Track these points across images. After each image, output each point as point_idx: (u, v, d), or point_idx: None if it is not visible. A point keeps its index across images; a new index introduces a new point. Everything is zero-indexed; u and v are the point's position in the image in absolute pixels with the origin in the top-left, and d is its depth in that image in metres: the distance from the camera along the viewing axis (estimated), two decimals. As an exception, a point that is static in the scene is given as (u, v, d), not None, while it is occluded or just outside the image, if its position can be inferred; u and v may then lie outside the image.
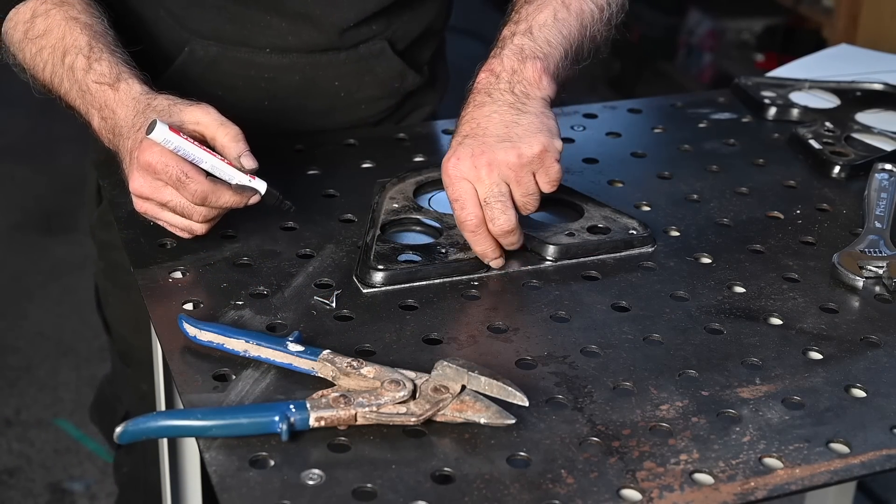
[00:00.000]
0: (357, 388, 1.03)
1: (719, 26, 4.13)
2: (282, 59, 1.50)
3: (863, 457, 1.00)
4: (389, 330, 1.14)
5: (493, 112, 1.21)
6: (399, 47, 1.56)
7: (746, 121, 1.63)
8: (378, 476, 0.95)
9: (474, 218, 1.19)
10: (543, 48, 1.26)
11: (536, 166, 1.19)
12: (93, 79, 1.27)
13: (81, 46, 1.30)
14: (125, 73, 1.28)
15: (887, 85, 1.70)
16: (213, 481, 0.95)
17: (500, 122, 1.20)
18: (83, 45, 1.30)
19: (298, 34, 1.48)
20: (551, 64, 1.26)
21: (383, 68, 1.55)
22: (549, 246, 1.27)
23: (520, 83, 1.23)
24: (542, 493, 0.94)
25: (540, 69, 1.24)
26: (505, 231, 1.20)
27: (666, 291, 1.23)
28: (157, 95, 1.25)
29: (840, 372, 1.11)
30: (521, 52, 1.25)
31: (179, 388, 1.06)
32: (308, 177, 1.44)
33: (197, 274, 1.22)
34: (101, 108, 1.27)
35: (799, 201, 1.42)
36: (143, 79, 1.28)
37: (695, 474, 0.97)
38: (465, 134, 1.21)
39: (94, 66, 1.28)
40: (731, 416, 1.04)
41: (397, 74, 1.57)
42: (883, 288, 1.24)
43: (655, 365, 1.11)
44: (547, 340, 1.14)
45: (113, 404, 1.81)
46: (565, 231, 1.29)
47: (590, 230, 1.30)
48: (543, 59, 1.25)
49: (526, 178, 1.19)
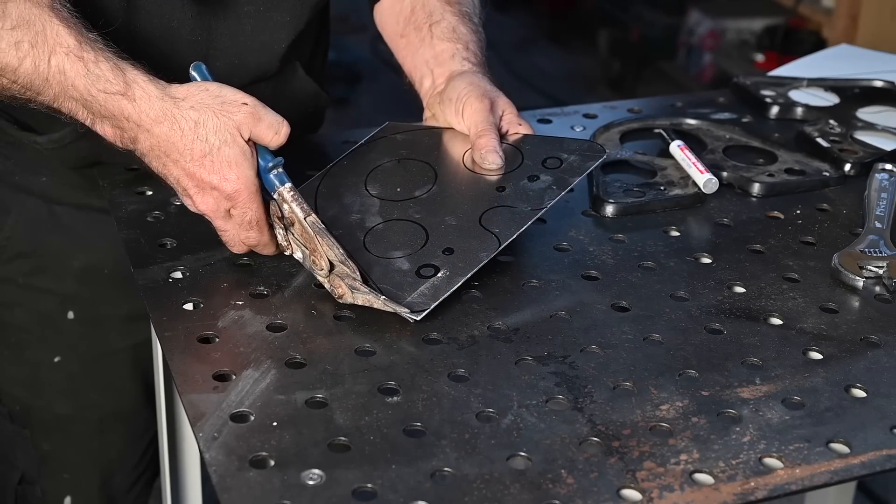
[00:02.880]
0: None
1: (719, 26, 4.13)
2: None
3: (863, 457, 1.00)
4: (389, 330, 1.14)
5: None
6: (306, 66, 1.53)
7: (746, 121, 1.63)
8: (378, 476, 0.95)
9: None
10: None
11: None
12: (100, 88, 1.17)
13: (70, 46, 1.18)
14: (131, 73, 1.18)
15: (887, 82, 1.70)
16: (213, 481, 0.95)
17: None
18: (72, 44, 1.18)
19: (235, 73, 1.42)
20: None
21: (296, 91, 1.51)
22: (755, 184, 1.43)
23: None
24: (542, 493, 0.94)
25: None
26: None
27: (666, 291, 1.23)
28: (192, 91, 1.18)
29: (840, 372, 1.11)
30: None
31: (179, 388, 1.06)
32: (308, 177, 1.44)
33: (197, 274, 1.22)
34: (117, 118, 1.18)
35: (799, 201, 1.42)
36: (150, 73, 1.20)
37: (695, 474, 0.97)
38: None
39: (92, 70, 1.17)
40: (732, 416, 1.04)
41: (311, 97, 1.54)
42: (883, 288, 1.24)
43: (655, 365, 1.11)
44: (547, 340, 1.14)
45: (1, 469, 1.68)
46: (766, 173, 1.45)
47: (787, 172, 1.46)
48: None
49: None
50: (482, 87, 1.35)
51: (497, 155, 1.30)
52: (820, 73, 1.75)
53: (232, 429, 1.00)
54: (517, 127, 1.35)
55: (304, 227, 1.18)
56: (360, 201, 1.30)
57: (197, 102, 1.17)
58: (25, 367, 1.55)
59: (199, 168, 1.17)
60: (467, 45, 1.41)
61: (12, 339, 1.55)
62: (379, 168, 1.35)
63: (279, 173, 1.19)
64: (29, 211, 1.49)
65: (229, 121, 1.17)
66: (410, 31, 1.44)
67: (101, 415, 1.59)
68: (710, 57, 4.15)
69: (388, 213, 1.27)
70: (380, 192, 1.31)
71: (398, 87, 1.44)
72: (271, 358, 1.10)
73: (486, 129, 1.31)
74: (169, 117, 1.16)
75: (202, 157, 1.16)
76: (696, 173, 1.42)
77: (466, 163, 1.32)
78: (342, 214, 1.27)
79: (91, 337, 1.55)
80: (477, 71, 1.38)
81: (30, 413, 1.58)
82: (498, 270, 1.24)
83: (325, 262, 1.17)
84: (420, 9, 1.44)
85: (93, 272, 1.51)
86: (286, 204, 1.18)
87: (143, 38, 1.35)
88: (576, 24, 4.97)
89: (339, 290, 1.17)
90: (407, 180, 1.32)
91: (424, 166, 1.34)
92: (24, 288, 1.52)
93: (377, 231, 1.25)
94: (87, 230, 1.50)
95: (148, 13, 1.34)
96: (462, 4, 1.46)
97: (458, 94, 1.34)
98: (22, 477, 1.63)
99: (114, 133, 1.20)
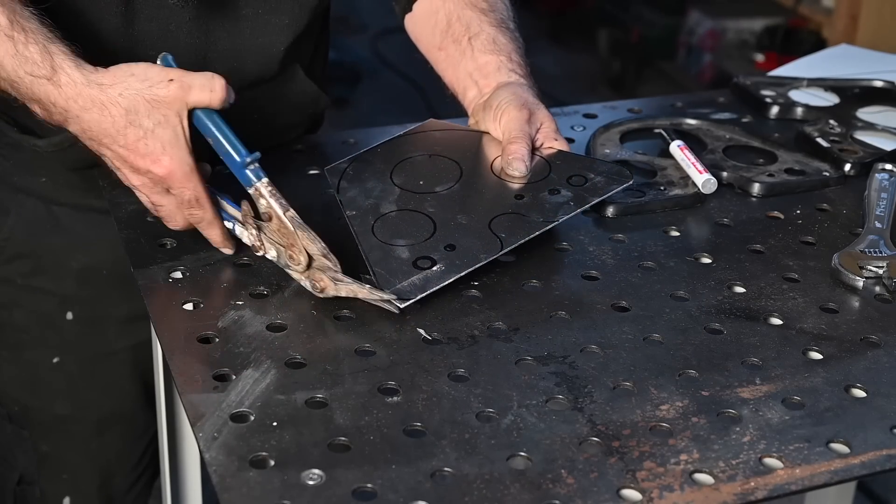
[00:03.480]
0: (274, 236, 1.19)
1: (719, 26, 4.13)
2: None
3: (863, 457, 1.00)
4: (389, 330, 1.14)
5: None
6: (306, 68, 1.52)
7: (746, 121, 1.63)
8: (378, 476, 0.95)
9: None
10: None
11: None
12: (27, 70, 1.17)
13: (1, 24, 1.17)
14: (59, 57, 1.18)
15: (887, 82, 1.70)
16: (213, 481, 0.95)
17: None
18: (3, 22, 1.17)
19: (233, 76, 1.38)
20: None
21: (296, 93, 1.51)
22: (755, 184, 1.43)
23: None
24: (542, 493, 0.94)
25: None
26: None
27: (666, 291, 1.23)
28: (119, 77, 1.17)
29: (840, 372, 1.11)
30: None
31: (179, 388, 1.06)
32: (308, 177, 1.44)
33: (197, 274, 1.22)
34: (43, 103, 1.19)
35: (799, 201, 1.42)
36: (78, 56, 1.19)
37: (695, 474, 0.97)
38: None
39: (20, 51, 1.17)
40: (732, 416, 1.04)
41: (311, 99, 1.54)
42: (883, 288, 1.24)
43: (655, 365, 1.11)
44: (547, 340, 1.14)
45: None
46: (766, 173, 1.44)
47: (787, 172, 1.45)
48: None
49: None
50: (523, 98, 1.36)
51: (523, 163, 1.30)
52: (820, 73, 1.75)
53: (232, 429, 1.00)
54: (552, 142, 1.36)
55: (283, 222, 1.18)
56: (382, 187, 1.31)
57: (124, 89, 1.17)
58: (24, 367, 1.55)
59: (132, 153, 1.17)
60: (510, 56, 1.42)
61: (11, 339, 1.55)
62: (409, 160, 1.36)
63: (255, 168, 1.18)
64: (28, 211, 1.49)
65: (160, 102, 1.17)
66: (449, 43, 1.45)
67: (100, 415, 1.59)
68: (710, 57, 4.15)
69: (404, 202, 1.29)
70: (402, 182, 1.32)
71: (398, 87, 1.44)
72: (271, 358, 1.10)
73: (518, 136, 1.32)
74: (98, 104, 1.17)
75: (136, 142, 1.17)
76: (695, 173, 1.42)
77: (495, 168, 1.33)
78: (360, 197, 1.30)
79: (90, 337, 1.55)
80: (523, 83, 1.40)
81: (28, 413, 1.58)
82: (498, 270, 1.24)
83: (303, 256, 1.17)
84: (456, 21, 1.45)
85: (92, 273, 1.51)
86: (263, 199, 1.18)
87: (141, 40, 1.35)
88: (576, 24, 4.97)
89: (320, 284, 1.17)
90: (432, 175, 1.33)
91: (452, 164, 1.35)
92: (23, 288, 1.52)
93: (389, 217, 1.26)
94: (86, 231, 1.50)
95: (146, 16, 1.34)
96: (497, 12, 1.46)
97: (500, 101, 1.36)
98: (21, 477, 1.63)
99: (44, 114, 1.21)
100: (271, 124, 1.49)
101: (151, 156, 1.17)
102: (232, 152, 1.18)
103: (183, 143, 1.18)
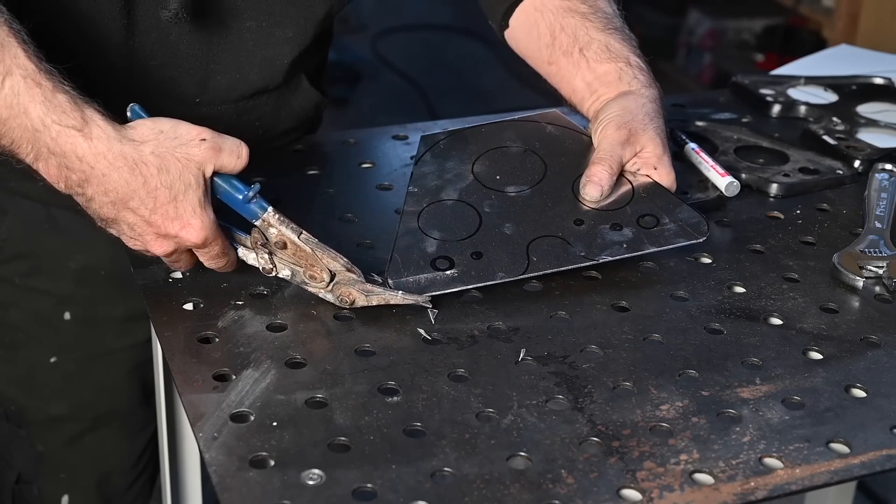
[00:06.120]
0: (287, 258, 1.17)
1: (719, 26, 4.13)
2: (209, 110, 1.40)
3: (863, 457, 1.00)
4: (389, 330, 1.14)
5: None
6: (310, 76, 1.51)
7: (747, 120, 1.63)
8: (378, 476, 0.95)
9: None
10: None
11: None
12: (55, 118, 1.09)
13: (29, 70, 1.10)
14: (88, 109, 1.11)
15: (886, 79, 1.70)
16: (213, 481, 0.95)
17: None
18: (31, 68, 1.10)
19: (236, 87, 1.41)
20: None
21: (300, 101, 1.50)
22: (773, 184, 1.41)
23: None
24: (542, 493, 0.94)
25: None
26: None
27: (666, 291, 1.23)
28: (149, 135, 1.12)
29: (840, 372, 1.11)
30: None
31: (179, 388, 1.06)
32: (308, 177, 1.44)
33: (197, 274, 1.22)
34: (67, 157, 1.11)
35: (799, 201, 1.42)
36: (107, 113, 1.12)
37: (695, 474, 0.97)
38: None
39: (49, 99, 1.09)
40: (731, 416, 1.04)
41: (313, 106, 1.52)
42: (883, 288, 1.24)
43: (655, 365, 1.11)
44: (547, 340, 1.14)
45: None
46: (781, 173, 1.44)
47: (801, 171, 1.45)
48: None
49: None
50: (630, 116, 1.29)
51: (598, 188, 1.25)
52: (820, 73, 1.75)
53: (232, 429, 1.00)
54: (650, 169, 1.28)
55: (299, 246, 1.16)
56: (458, 171, 1.29)
57: (156, 146, 1.11)
58: (21, 367, 1.55)
59: (160, 217, 1.11)
60: (628, 61, 1.35)
61: (8, 339, 1.55)
62: (503, 149, 1.32)
63: (258, 200, 1.15)
64: (26, 212, 1.49)
65: (190, 162, 1.11)
66: (559, 57, 1.39)
67: (97, 415, 1.59)
68: (710, 57, 4.15)
69: (467, 193, 1.26)
70: (481, 171, 1.29)
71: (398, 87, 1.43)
72: (271, 358, 1.10)
73: (604, 158, 1.26)
74: (129, 162, 1.10)
75: (165, 205, 1.11)
76: (716, 176, 1.39)
77: (577, 184, 1.27)
78: (432, 175, 1.28)
79: (87, 337, 1.55)
80: (643, 93, 1.32)
81: (25, 413, 1.58)
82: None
83: (326, 274, 1.16)
84: (560, 32, 1.39)
85: (90, 273, 1.51)
86: (273, 228, 1.16)
87: (142, 50, 1.34)
88: (576, 24, 4.96)
89: (349, 298, 1.16)
90: (513, 172, 1.29)
91: (540, 167, 1.30)
92: (21, 288, 1.52)
93: (443, 205, 1.25)
94: (84, 231, 1.50)
95: (146, 26, 1.32)
96: (599, 13, 1.40)
97: (605, 115, 1.30)
98: (19, 476, 1.63)
99: (58, 174, 1.12)
100: (271, 130, 1.49)
101: (181, 220, 1.12)
102: (232, 192, 1.15)
103: (208, 203, 1.14)
